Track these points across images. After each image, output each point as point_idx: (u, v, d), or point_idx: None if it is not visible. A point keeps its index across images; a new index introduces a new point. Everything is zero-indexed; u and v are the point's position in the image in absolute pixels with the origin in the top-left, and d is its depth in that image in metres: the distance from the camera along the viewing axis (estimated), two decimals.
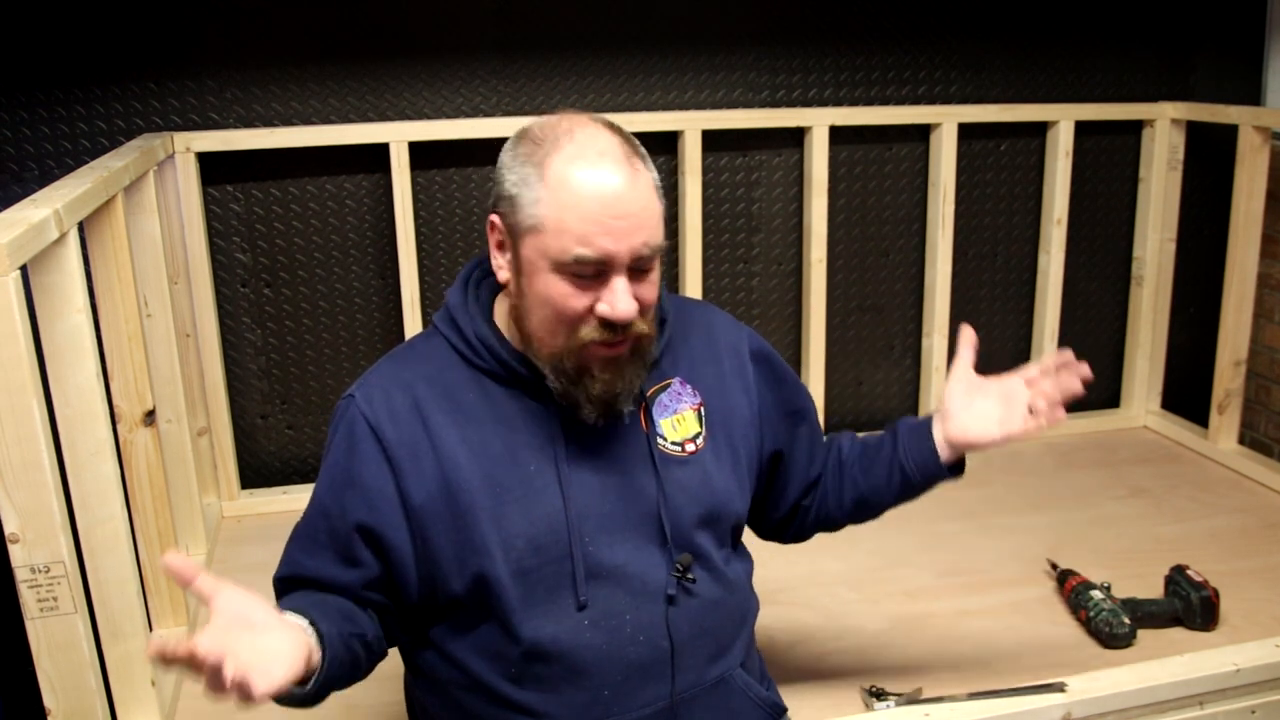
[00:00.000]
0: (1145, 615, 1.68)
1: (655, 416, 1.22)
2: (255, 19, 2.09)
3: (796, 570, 1.89)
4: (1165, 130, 2.49)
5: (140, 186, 1.73)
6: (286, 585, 1.18)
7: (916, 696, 1.49)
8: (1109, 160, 2.57)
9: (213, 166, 2.12)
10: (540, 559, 1.14)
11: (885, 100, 2.42)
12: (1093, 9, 2.47)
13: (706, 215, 2.35)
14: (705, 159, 2.30)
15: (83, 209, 1.35)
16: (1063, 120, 2.43)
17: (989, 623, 1.73)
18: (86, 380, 1.30)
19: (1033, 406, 1.29)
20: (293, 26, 2.11)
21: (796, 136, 2.37)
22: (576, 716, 1.15)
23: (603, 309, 1.08)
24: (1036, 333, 2.58)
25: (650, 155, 1.14)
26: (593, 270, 1.07)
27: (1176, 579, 1.72)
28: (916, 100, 2.43)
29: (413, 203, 2.17)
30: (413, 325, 2.19)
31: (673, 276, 2.35)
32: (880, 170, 2.46)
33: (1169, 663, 1.51)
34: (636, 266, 1.09)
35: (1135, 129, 2.54)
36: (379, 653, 1.18)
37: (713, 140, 2.30)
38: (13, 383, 1.12)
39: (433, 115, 2.22)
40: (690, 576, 1.19)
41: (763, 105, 2.35)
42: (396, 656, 1.26)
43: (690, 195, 2.27)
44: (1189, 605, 1.68)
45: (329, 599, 1.14)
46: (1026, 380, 1.31)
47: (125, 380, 1.57)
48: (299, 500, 1.21)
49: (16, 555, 1.18)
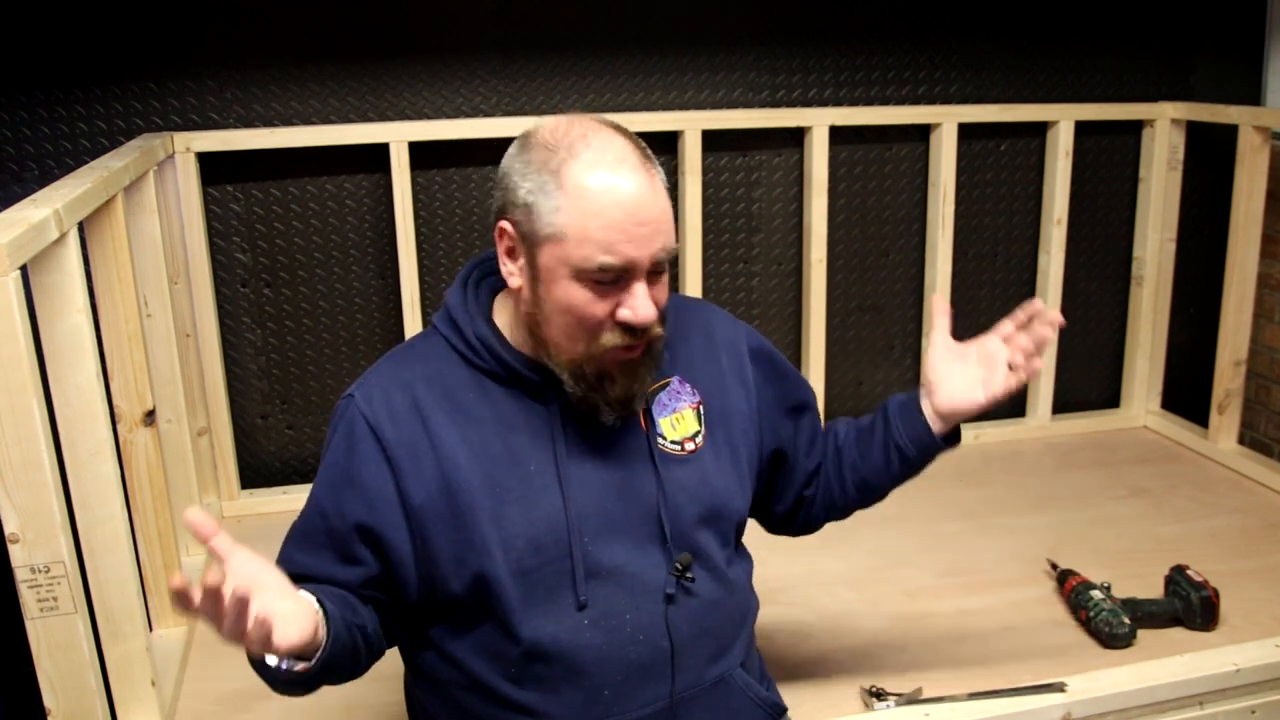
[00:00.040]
0: (1145, 615, 1.68)
1: (654, 415, 1.22)
2: (255, 19, 2.09)
3: (796, 570, 1.89)
4: (1165, 130, 2.49)
5: (140, 186, 1.73)
6: None
7: (916, 696, 1.49)
8: (1109, 160, 2.57)
9: (213, 166, 2.12)
10: (540, 559, 1.14)
11: (885, 100, 2.42)
12: (1093, 9, 2.47)
13: (706, 215, 2.35)
14: (705, 159, 2.30)
15: (83, 209, 1.35)
16: (1063, 120, 2.43)
17: (989, 623, 1.73)
18: (86, 380, 1.30)
19: (1011, 362, 1.30)
20: (293, 26, 2.11)
21: (796, 136, 2.37)
22: (576, 716, 1.15)
23: (625, 314, 1.09)
24: None
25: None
26: (613, 277, 1.08)
27: (1176, 579, 1.72)
28: (916, 100, 2.43)
29: (413, 203, 2.17)
30: (413, 325, 2.19)
31: (673, 276, 2.33)
32: (880, 170, 2.46)
33: (1169, 663, 1.51)
34: (653, 270, 1.10)
35: (1135, 129, 2.54)
36: (377, 650, 1.18)
37: (713, 140, 2.30)
38: (13, 383, 1.12)
39: (433, 115, 2.22)
40: (690, 576, 1.19)
41: (763, 105, 2.35)
42: (396, 656, 1.25)
43: (690, 195, 2.27)
44: (1189, 605, 1.68)
45: (332, 589, 1.14)
46: (1003, 337, 1.32)
47: (125, 380, 1.57)
48: (299, 500, 1.21)
49: (16, 555, 1.18)
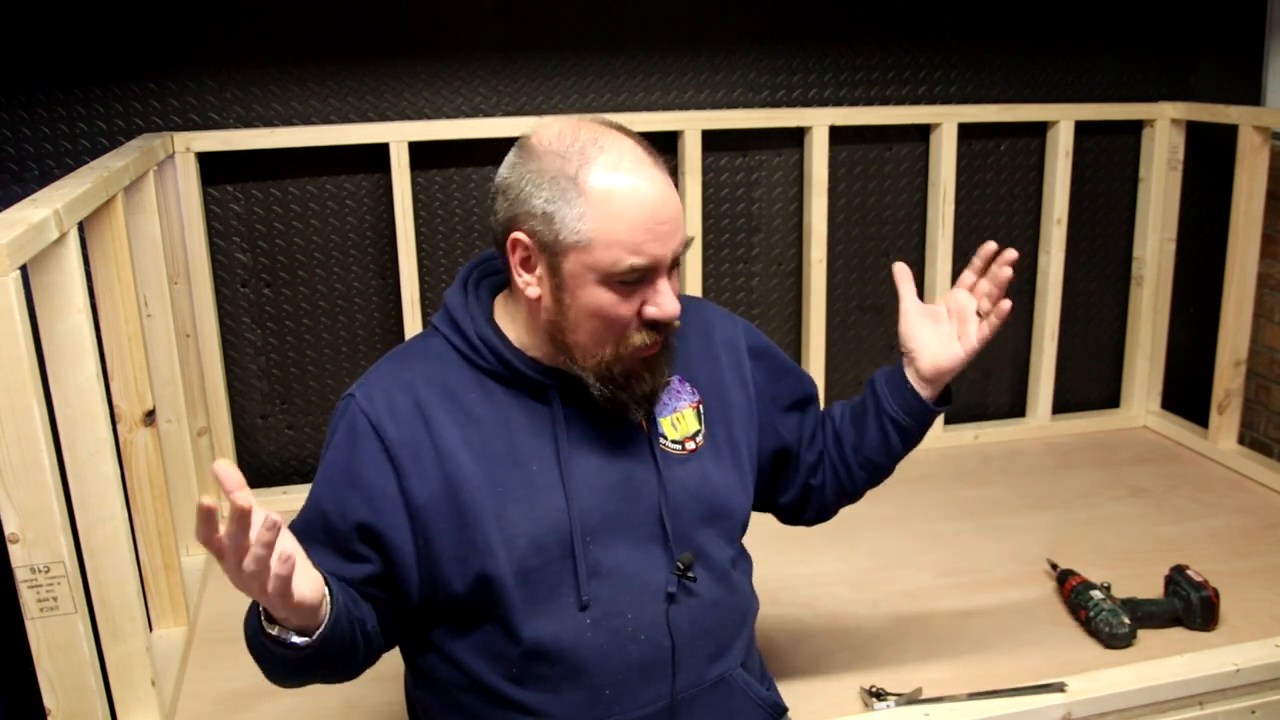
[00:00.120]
0: (1145, 615, 1.68)
1: (655, 415, 1.22)
2: (255, 19, 2.09)
3: (796, 570, 1.89)
4: (1165, 130, 2.49)
5: (140, 186, 1.73)
6: None
7: (916, 696, 1.49)
8: (1109, 160, 2.57)
9: (213, 166, 2.12)
10: (542, 559, 1.14)
11: (885, 100, 2.42)
12: (1093, 9, 2.46)
13: (706, 215, 2.35)
14: (705, 159, 2.30)
15: (83, 209, 1.35)
16: (1063, 120, 2.43)
17: (989, 623, 1.73)
18: (86, 380, 1.30)
19: (980, 310, 1.31)
20: (293, 26, 2.11)
21: (796, 136, 2.37)
22: (577, 716, 1.15)
23: (652, 311, 1.11)
24: (1036, 333, 2.57)
25: None
26: (638, 277, 1.09)
27: (1176, 579, 1.72)
28: (916, 100, 2.43)
29: (413, 203, 2.17)
30: (413, 325, 2.19)
31: None
32: (880, 170, 2.46)
33: (1169, 663, 1.51)
34: (673, 264, 1.12)
35: (1135, 129, 2.54)
36: (375, 648, 1.17)
37: (713, 140, 2.30)
38: (13, 383, 1.12)
39: (433, 115, 2.22)
40: (691, 575, 1.19)
41: (763, 105, 2.35)
42: (396, 656, 1.25)
43: (690, 195, 2.27)
44: (1189, 605, 1.68)
45: (336, 580, 1.13)
46: (967, 288, 1.33)
47: (125, 380, 1.57)
48: (299, 500, 1.21)
49: (16, 555, 1.18)
